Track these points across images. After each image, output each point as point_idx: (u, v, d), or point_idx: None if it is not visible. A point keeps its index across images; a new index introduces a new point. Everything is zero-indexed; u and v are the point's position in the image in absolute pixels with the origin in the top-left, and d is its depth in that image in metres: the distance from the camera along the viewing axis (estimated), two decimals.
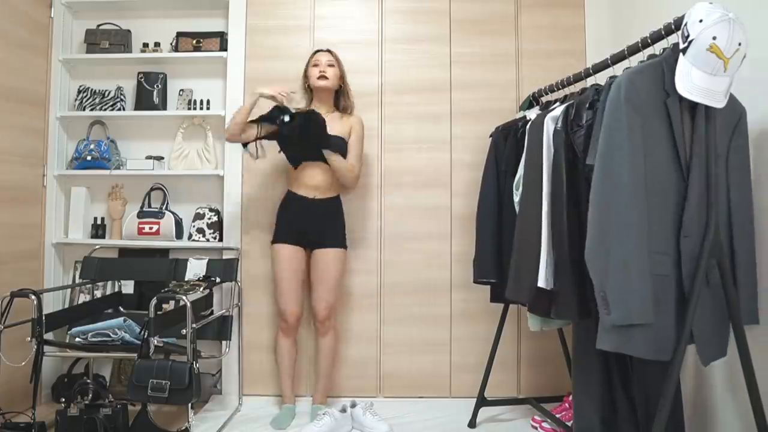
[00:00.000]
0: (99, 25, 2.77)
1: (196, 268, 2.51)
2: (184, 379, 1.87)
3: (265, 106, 2.31)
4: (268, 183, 2.66)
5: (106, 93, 2.75)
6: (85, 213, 2.75)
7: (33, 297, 2.03)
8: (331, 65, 2.41)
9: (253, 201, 2.66)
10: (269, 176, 2.66)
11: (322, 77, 2.38)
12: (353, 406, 2.26)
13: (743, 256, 1.52)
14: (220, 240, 2.67)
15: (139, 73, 2.76)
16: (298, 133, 2.26)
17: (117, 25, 2.78)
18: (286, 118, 2.24)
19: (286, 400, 2.45)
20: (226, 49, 2.70)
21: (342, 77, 2.46)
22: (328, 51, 2.46)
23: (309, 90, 2.48)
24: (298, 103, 2.43)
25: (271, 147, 2.41)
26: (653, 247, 1.39)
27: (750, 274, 1.53)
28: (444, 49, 2.71)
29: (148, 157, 2.72)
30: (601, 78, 1.92)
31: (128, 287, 2.68)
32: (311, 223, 2.36)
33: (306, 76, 2.45)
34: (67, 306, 2.61)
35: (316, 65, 2.41)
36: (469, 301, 2.64)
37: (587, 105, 1.68)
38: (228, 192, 2.66)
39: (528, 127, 1.97)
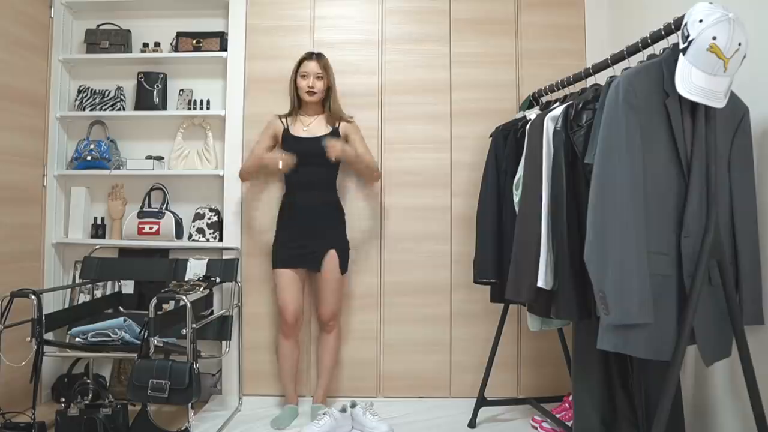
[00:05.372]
0: (99, 25, 2.77)
1: (196, 268, 2.51)
2: (184, 379, 1.87)
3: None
4: (268, 183, 2.66)
5: (106, 93, 2.75)
6: (85, 213, 2.75)
7: (33, 297, 2.03)
8: (319, 77, 2.38)
9: (253, 201, 2.66)
10: (269, 176, 2.65)
11: (311, 92, 2.37)
12: (353, 406, 2.26)
13: (747, 256, 1.52)
14: (220, 240, 2.67)
15: (139, 73, 2.76)
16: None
17: (117, 25, 2.78)
18: None
19: (289, 400, 2.44)
20: (226, 49, 2.70)
21: (330, 86, 2.43)
22: (317, 58, 2.40)
23: (296, 96, 2.45)
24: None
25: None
26: (654, 247, 1.39)
27: (754, 274, 1.53)
28: (444, 49, 2.71)
29: (148, 157, 2.72)
30: (601, 78, 1.92)
31: (128, 287, 2.68)
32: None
33: (294, 82, 2.43)
34: (67, 306, 2.61)
35: (304, 77, 2.38)
36: (469, 301, 2.64)
37: (587, 105, 1.68)
38: (228, 192, 2.66)
39: (528, 127, 1.97)
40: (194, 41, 2.73)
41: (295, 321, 2.38)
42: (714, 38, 1.29)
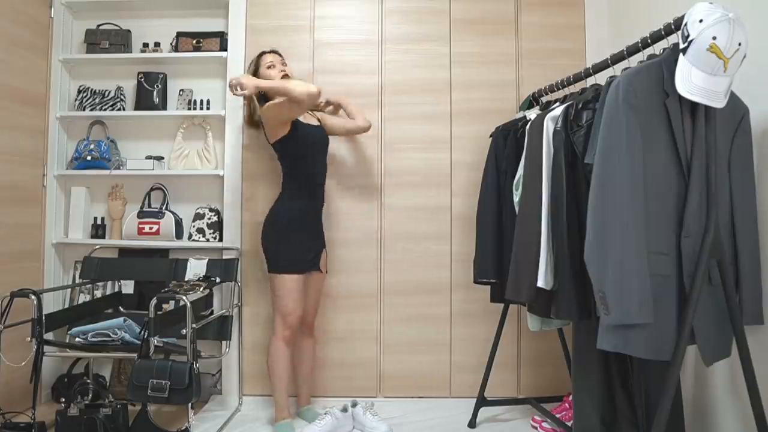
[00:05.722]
0: (99, 25, 2.77)
1: (196, 268, 2.51)
2: (184, 379, 1.87)
3: None
4: (269, 183, 2.65)
5: (106, 93, 2.75)
6: (85, 213, 2.75)
7: (33, 297, 2.03)
8: (284, 64, 2.34)
9: (253, 201, 2.66)
10: (269, 176, 2.65)
11: (286, 77, 2.26)
12: (354, 405, 2.26)
13: (747, 256, 1.52)
14: (220, 240, 2.67)
15: (139, 73, 2.76)
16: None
17: (117, 25, 2.78)
18: None
19: (283, 415, 2.24)
20: (226, 49, 2.70)
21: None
22: (274, 52, 2.35)
23: (261, 95, 2.29)
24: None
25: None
26: (654, 247, 1.39)
27: (754, 274, 1.53)
28: (444, 49, 2.71)
29: (148, 157, 2.72)
30: (601, 78, 1.92)
31: (128, 287, 2.68)
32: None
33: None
34: (67, 306, 2.61)
35: (271, 67, 2.28)
36: (469, 301, 2.64)
37: (587, 105, 1.68)
38: (228, 192, 2.66)
39: (528, 127, 1.97)
40: (194, 41, 2.72)
41: (298, 327, 2.28)
42: (714, 38, 1.29)
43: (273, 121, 2.15)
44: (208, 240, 2.66)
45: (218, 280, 2.46)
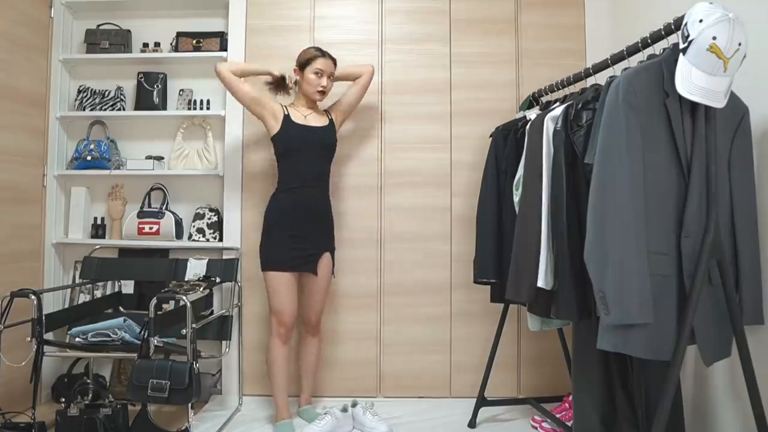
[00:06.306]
0: (99, 25, 2.77)
1: (196, 268, 2.51)
2: (184, 379, 1.87)
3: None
4: (268, 183, 2.65)
5: (106, 93, 2.75)
6: (85, 213, 2.75)
7: (33, 297, 2.03)
8: (330, 77, 2.31)
9: (253, 201, 2.66)
10: (269, 176, 2.65)
11: (322, 92, 2.29)
12: (354, 405, 2.26)
13: (747, 256, 1.52)
14: (220, 240, 2.67)
15: (139, 73, 2.76)
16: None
17: (117, 25, 2.78)
18: None
19: (283, 415, 2.26)
20: (226, 49, 2.70)
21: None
22: (330, 57, 2.31)
23: (295, 83, 2.36)
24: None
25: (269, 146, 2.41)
26: (654, 247, 1.39)
27: (754, 274, 1.53)
28: (444, 49, 2.71)
29: (148, 157, 2.72)
30: (601, 78, 1.92)
31: (128, 287, 2.68)
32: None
33: (300, 73, 2.30)
34: (67, 306, 2.61)
35: (318, 74, 2.27)
36: (469, 301, 2.64)
37: (587, 105, 1.68)
38: (228, 192, 2.66)
39: (528, 127, 1.97)
40: (194, 41, 2.73)
41: (292, 325, 2.28)
42: (714, 38, 1.29)
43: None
44: (208, 240, 2.66)
45: (218, 280, 2.46)
